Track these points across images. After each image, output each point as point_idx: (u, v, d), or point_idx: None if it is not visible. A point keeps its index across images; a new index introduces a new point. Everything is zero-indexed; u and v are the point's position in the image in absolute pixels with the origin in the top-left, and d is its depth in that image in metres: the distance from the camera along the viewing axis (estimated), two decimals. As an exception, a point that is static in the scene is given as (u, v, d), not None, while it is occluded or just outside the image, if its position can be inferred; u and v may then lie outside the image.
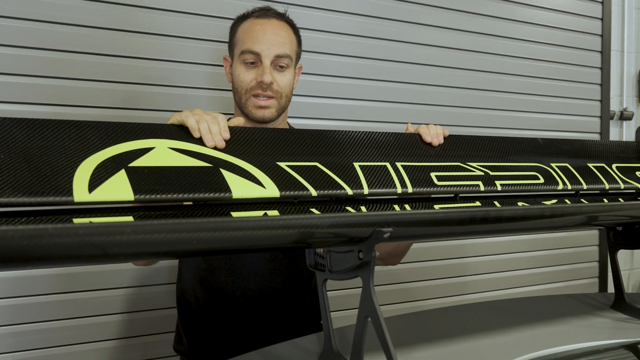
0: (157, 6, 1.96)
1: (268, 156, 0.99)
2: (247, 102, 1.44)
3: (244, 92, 1.44)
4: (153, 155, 0.91)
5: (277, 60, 1.43)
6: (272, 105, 1.44)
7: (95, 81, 1.87)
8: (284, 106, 1.48)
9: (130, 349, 1.97)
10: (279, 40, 1.44)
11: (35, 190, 0.77)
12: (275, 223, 0.79)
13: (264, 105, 1.43)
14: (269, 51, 1.42)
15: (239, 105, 1.47)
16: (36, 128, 0.86)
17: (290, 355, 1.06)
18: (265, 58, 1.42)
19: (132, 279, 1.96)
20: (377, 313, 0.88)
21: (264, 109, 1.43)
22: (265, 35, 1.43)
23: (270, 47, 1.42)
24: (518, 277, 2.82)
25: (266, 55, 1.42)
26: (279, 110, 1.46)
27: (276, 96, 1.44)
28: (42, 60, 1.80)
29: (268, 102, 1.43)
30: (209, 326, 1.51)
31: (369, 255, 0.88)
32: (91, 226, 0.64)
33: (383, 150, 1.12)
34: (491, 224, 1.06)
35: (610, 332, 1.23)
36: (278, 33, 1.45)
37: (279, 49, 1.43)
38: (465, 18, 2.62)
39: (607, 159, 1.41)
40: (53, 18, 1.81)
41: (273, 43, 1.43)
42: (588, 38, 3.01)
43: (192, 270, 1.53)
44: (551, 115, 2.89)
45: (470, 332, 1.19)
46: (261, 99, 1.43)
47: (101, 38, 1.87)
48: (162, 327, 2.01)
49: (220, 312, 1.50)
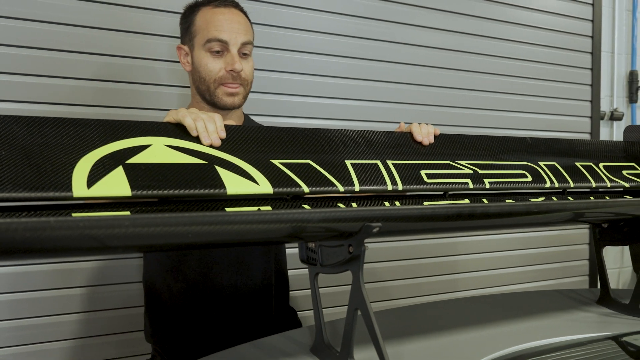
0: (156, 7, 1.98)
1: (262, 154, 1.01)
2: (216, 90, 1.47)
3: (212, 82, 1.46)
4: (150, 153, 0.93)
5: (242, 47, 1.47)
6: (240, 92, 1.48)
7: (93, 80, 1.89)
8: (248, 93, 1.53)
9: (132, 343, 1.99)
10: (242, 28, 1.48)
11: (36, 185, 0.79)
12: (268, 217, 0.82)
13: (234, 92, 1.47)
14: (236, 39, 1.46)
15: (204, 94, 1.49)
16: (36, 125, 0.88)
17: (283, 347, 1.09)
18: (232, 46, 1.45)
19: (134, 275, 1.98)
20: (367, 305, 0.91)
21: (233, 96, 1.47)
22: (230, 24, 1.46)
23: (237, 35, 1.46)
24: (509, 275, 2.85)
25: (233, 44, 1.45)
26: (245, 96, 1.51)
27: (243, 83, 1.48)
28: (41, 60, 1.82)
29: (237, 89, 1.47)
30: (180, 317, 1.52)
31: (359, 249, 0.91)
32: (91, 219, 0.67)
33: (374, 148, 1.14)
34: (478, 219, 1.09)
35: (595, 326, 1.26)
36: (239, 21, 1.49)
37: (244, 36, 1.47)
38: (457, 19, 2.65)
39: (595, 158, 1.43)
40: (53, 18, 1.83)
41: (238, 31, 1.47)
42: (579, 39, 3.04)
43: (162, 261, 1.54)
44: (542, 116, 2.92)
45: (459, 325, 1.22)
46: (231, 86, 1.46)
47: (99, 38, 1.89)
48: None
49: (192, 302, 1.52)
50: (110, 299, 1.95)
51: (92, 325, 1.93)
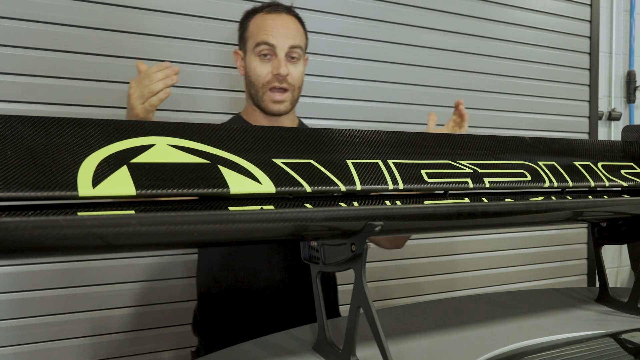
0: (160, 9, 1.99)
1: (264, 153, 1.02)
2: (263, 96, 1.52)
3: (260, 86, 1.52)
4: (153, 152, 0.94)
5: (290, 51, 1.51)
6: (287, 99, 1.53)
7: (96, 81, 1.90)
8: (296, 98, 1.57)
9: (140, 342, 2.00)
10: (291, 32, 1.53)
11: (42, 185, 0.79)
12: (273, 216, 0.83)
13: (280, 99, 1.52)
14: (283, 43, 1.50)
15: (253, 98, 1.54)
16: (41, 125, 0.89)
17: (285, 345, 1.09)
18: (279, 50, 1.50)
19: (142, 274, 2.00)
20: (369, 303, 0.91)
21: (279, 104, 1.53)
22: (278, 29, 1.51)
23: (284, 39, 1.51)
24: (508, 274, 2.86)
25: (281, 48, 1.50)
26: (292, 102, 1.56)
27: (290, 89, 1.53)
28: (44, 61, 1.83)
29: (283, 95, 1.52)
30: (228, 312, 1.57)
31: (361, 247, 0.92)
32: (99, 218, 0.68)
33: (375, 148, 1.15)
34: (478, 218, 1.10)
35: (594, 324, 1.27)
36: (289, 26, 1.54)
37: (292, 40, 1.52)
38: (457, 20, 2.66)
39: (594, 157, 1.44)
40: (57, 20, 1.85)
41: (286, 35, 1.51)
42: (577, 40, 3.06)
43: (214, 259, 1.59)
44: (541, 116, 2.94)
45: (460, 323, 1.23)
46: (277, 94, 1.51)
47: (102, 39, 1.91)
48: (176, 320, 2.06)
49: (240, 299, 1.56)
50: (112, 298, 1.96)
51: (97, 323, 1.94)
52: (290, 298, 1.57)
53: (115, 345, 1.97)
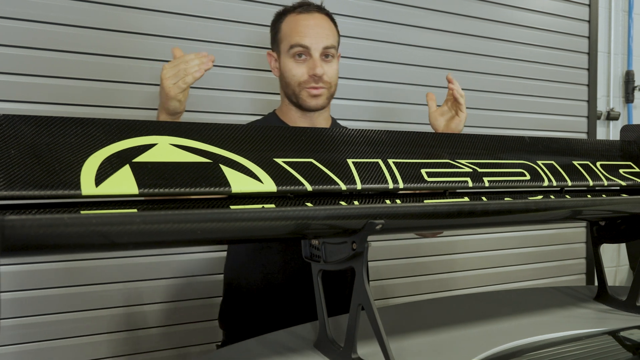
0: (161, 9, 2.01)
1: (265, 152, 1.02)
2: (300, 93, 1.54)
3: (297, 85, 1.54)
4: (156, 151, 0.94)
5: (324, 51, 1.53)
6: (323, 94, 1.56)
7: (98, 81, 1.91)
8: (333, 94, 1.60)
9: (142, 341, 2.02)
10: (324, 32, 1.54)
11: (45, 184, 0.80)
12: (275, 214, 0.84)
13: (317, 94, 1.54)
14: (317, 44, 1.52)
15: (290, 97, 1.57)
16: (43, 125, 0.89)
17: (287, 342, 1.10)
18: (314, 51, 1.52)
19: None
20: (370, 301, 0.92)
21: (317, 98, 1.55)
22: (311, 29, 1.53)
23: (318, 40, 1.52)
24: (507, 274, 2.87)
25: (315, 48, 1.52)
26: (328, 97, 1.58)
27: (326, 86, 1.55)
28: (45, 61, 1.84)
29: (320, 90, 1.54)
30: (256, 307, 1.59)
31: (362, 245, 0.92)
32: (104, 216, 0.69)
33: (375, 147, 1.16)
34: (478, 217, 1.11)
35: (593, 322, 1.28)
36: (322, 25, 1.55)
37: (325, 40, 1.53)
38: (456, 20, 2.67)
39: (592, 157, 1.45)
40: (58, 20, 1.85)
41: (320, 36, 1.53)
42: (576, 40, 3.07)
43: (243, 254, 1.61)
44: (540, 115, 2.95)
45: (460, 321, 1.24)
46: (314, 89, 1.53)
47: (103, 39, 1.92)
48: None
49: (268, 294, 1.58)
50: (111, 298, 1.96)
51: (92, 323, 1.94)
52: None
53: (115, 344, 1.98)
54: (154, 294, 2.02)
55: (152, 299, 2.02)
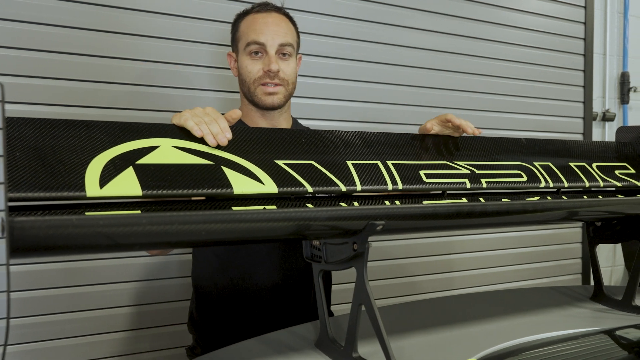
0: (158, 10, 2.01)
1: (266, 154, 1.03)
2: (255, 91, 1.52)
3: (252, 82, 1.53)
4: (158, 154, 0.95)
5: (280, 49, 1.52)
6: (280, 92, 1.53)
7: (92, 82, 1.91)
8: (290, 93, 1.57)
9: (140, 340, 2.02)
10: (280, 30, 1.54)
11: (50, 185, 0.81)
12: (277, 215, 0.85)
13: (272, 91, 1.52)
14: (273, 41, 1.51)
15: (247, 95, 1.55)
16: (47, 127, 0.90)
17: (288, 342, 1.11)
18: (270, 48, 1.51)
19: (140, 273, 2.01)
20: (371, 300, 0.94)
21: (272, 95, 1.52)
22: (267, 27, 1.52)
23: (274, 37, 1.52)
24: (504, 273, 2.88)
25: (271, 45, 1.51)
26: (286, 96, 1.56)
27: (283, 83, 1.53)
28: (46, 62, 1.84)
29: (276, 88, 1.52)
30: (224, 313, 1.58)
31: (363, 246, 0.94)
32: (111, 217, 0.70)
33: (375, 149, 1.17)
34: (476, 218, 1.12)
35: (589, 321, 1.30)
36: (279, 24, 1.55)
37: (282, 38, 1.53)
38: (452, 22, 2.68)
39: (588, 158, 1.46)
40: (56, 21, 1.85)
41: (276, 33, 1.52)
42: (571, 41, 3.08)
43: (210, 260, 1.60)
44: (536, 117, 2.96)
45: (459, 321, 1.25)
46: (269, 86, 1.52)
47: (99, 40, 1.91)
48: (172, 319, 2.08)
49: (236, 300, 1.57)
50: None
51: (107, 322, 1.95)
52: (286, 298, 1.58)
53: (112, 344, 1.98)
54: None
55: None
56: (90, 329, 1.94)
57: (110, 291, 1.97)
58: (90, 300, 1.93)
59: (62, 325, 1.89)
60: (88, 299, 1.92)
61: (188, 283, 1.70)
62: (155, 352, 2.06)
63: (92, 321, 1.94)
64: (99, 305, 1.95)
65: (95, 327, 1.95)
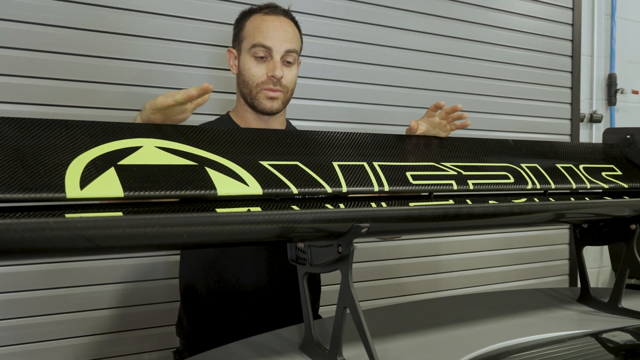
0: (148, 10, 2.00)
1: (251, 155, 1.02)
2: (257, 95, 1.51)
3: (254, 86, 1.51)
4: (141, 154, 0.94)
5: (286, 55, 1.51)
6: (279, 97, 1.53)
7: (82, 82, 1.89)
8: (288, 99, 1.57)
9: (124, 342, 2.00)
10: (288, 36, 1.52)
11: (29, 186, 0.79)
12: (260, 218, 0.84)
13: (274, 96, 1.51)
14: (280, 47, 1.50)
15: (246, 97, 1.54)
16: (27, 127, 0.89)
17: (272, 345, 1.10)
18: (276, 53, 1.50)
19: (126, 275, 2.00)
20: (355, 303, 0.93)
21: (272, 101, 1.52)
22: (275, 31, 1.51)
23: (281, 42, 1.50)
24: (491, 275, 2.89)
25: (277, 51, 1.50)
26: (284, 102, 1.55)
27: (284, 90, 1.53)
28: (30, 61, 1.82)
29: (277, 93, 1.52)
30: (211, 315, 1.56)
31: (348, 249, 0.93)
32: (89, 219, 0.68)
33: (361, 150, 1.16)
34: (463, 220, 1.11)
35: (576, 323, 1.29)
36: (286, 29, 1.53)
37: (289, 44, 1.51)
38: (440, 23, 2.68)
39: (575, 160, 1.46)
40: (45, 20, 1.83)
41: (283, 39, 1.51)
42: (559, 43, 3.10)
43: (197, 262, 1.58)
44: (523, 118, 2.97)
45: (444, 323, 1.25)
46: (271, 91, 1.51)
47: (89, 40, 1.90)
48: (159, 321, 2.06)
49: (222, 302, 1.56)
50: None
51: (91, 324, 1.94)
52: (274, 301, 1.57)
53: (97, 346, 1.96)
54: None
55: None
56: (74, 331, 1.92)
57: (95, 293, 1.95)
58: (74, 302, 1.91)
59: (45, 328, 1.87)
60: (72, 300, 1.91)
61: (175, 284, 1.68)
62: (142, 354, 2.04)
63: (77, 323, 1.92)
64: (83, 307, 1.93)
65: (80, 329, 1.93)
